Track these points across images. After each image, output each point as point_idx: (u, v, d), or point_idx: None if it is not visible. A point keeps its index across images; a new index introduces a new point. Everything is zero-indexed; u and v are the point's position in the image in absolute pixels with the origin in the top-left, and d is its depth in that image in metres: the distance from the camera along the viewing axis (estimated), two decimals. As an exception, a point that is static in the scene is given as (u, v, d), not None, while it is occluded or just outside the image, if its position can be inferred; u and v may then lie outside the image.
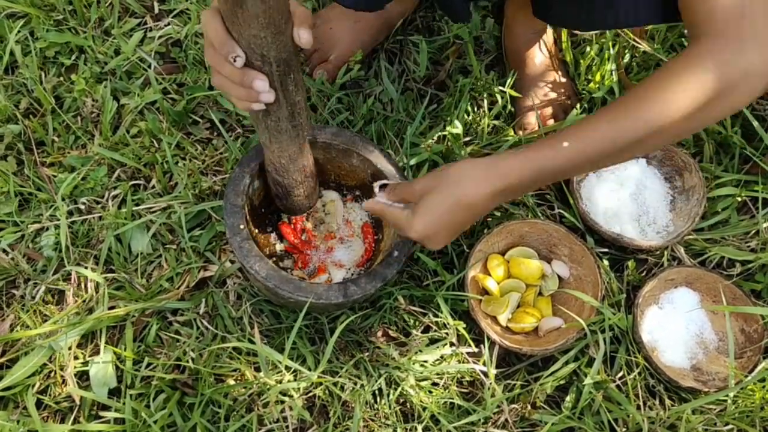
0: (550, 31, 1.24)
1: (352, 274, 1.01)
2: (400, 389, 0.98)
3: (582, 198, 1.12)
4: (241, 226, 0.89)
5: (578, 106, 1.20)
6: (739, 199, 1.14)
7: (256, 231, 1.00)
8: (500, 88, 1.20)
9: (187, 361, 0.98)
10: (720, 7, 0.72)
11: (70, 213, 1.09)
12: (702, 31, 0.75)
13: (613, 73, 1.21)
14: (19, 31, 1.22)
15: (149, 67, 1.21)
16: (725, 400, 0.99)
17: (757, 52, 0.72)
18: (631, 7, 0.86)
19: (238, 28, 0.65)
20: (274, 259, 1.01)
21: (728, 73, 0.72)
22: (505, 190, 0.80)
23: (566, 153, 0.78)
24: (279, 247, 1.02)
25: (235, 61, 0.67)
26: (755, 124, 1.15)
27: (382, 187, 0.90)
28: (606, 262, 1.09)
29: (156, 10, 1.30)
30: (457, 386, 1.01)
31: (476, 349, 1.02)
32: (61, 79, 1.21)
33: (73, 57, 1.23)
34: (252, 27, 0.64)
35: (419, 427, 0.96)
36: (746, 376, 0.99)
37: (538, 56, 1.21)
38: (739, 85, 0.73)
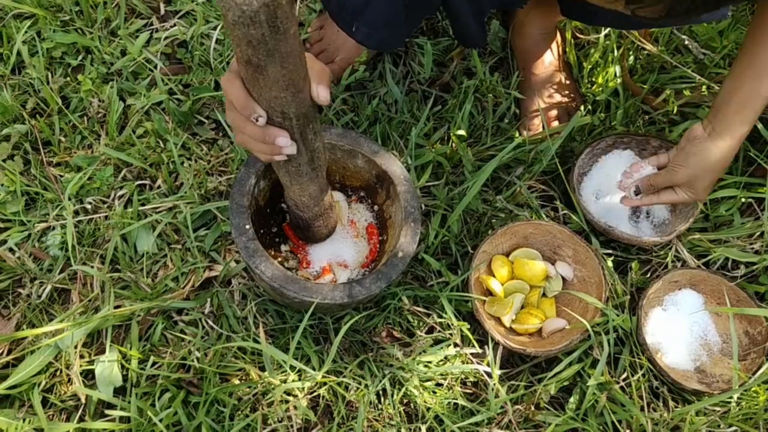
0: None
1: (357, 275, 1.01)
2: (404, 389, 0.98)
3: (582, 195, 1.13)
4: (247, 226, 0.90)
5: (582, 108, 1.20)
6: (744, 200, 1.14)
7: (262, 231, 1.00)
8: (505, 89, 1.20)
9: (192, 361, 0.98)
10: None
11: (76, 212, 1.09)
12: None
13: (617, 75, 1.21)
14: (26, 32, 1.22)
15: (155, 67, 1.22)
16: (729, 402, 0.99)
17: None
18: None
19: (258, 90, 0.67)
20: (280, 259, 1.02)
21: None
22: (737, 147, 0.98)
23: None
24: (284, 247, 1.02)
25: (257, 121, 0.70)
26: (759, 126, 1.15)
27: (636, 192, 1.07)
28: (610, 264, 1.09)
29: (162, 11, 1.30)
30: (461, 387, 1.01)
31: (480, 350, 1.02)
32: (68, 79, 1.21)
33: (80, 57, 1.24)
34: (272, 90, 0.66)
35: (423, 428, 0.97)
36: (750, 378, 0.99)
37: (547, 57, 1.22)
38: None
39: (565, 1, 1.10)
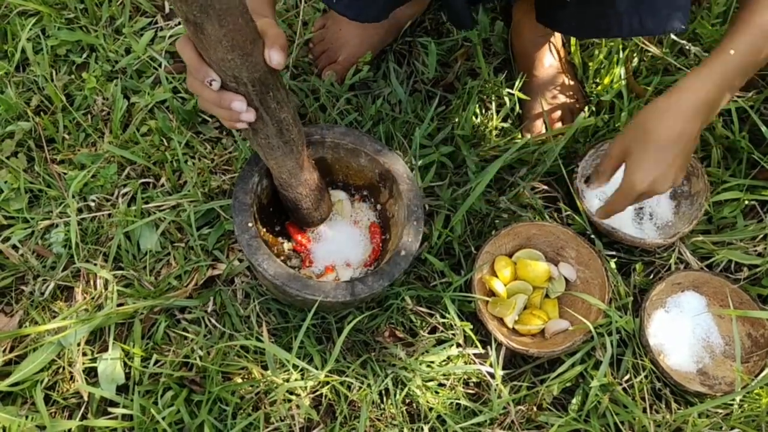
0: (558, 33, 1.24)
1: (360, 274, 1.01)
2: (406, 389, 0.98)
3: (585, 196, 1.13)
4: (250, 224, 0.90)
5: (586, 109, 1.20)
6: (747, 203, 1.14)
7: (264, 229, 1.00)
8: (508, 90, 1.20)
9: (195, 359, 0.98)
10: None
11: (79, 210, 1.09)
12: None
13: (622, 76, 1.21)
14: (30, 29, 1.22)
15: (159, 66, 1.22)
16: (731, 404, 0.99)
17: None
18: (643, 18, 0.89)
19: (206, 52, 0.67)
20: (282, 257, 1.02)
21: None
22: (697, 108, 0.87)
23: (736, 58, 0.85)
24: (287, 246, 1.02)
25: (211, 84, 0.69)
26: (763, 128, 1.15)
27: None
28: (613, 265, 1.09)
29: (167, 10, 1.30)
30: (463, 387, 1.01)
31: (483, 351, 1.02)
32: (72, 77, 1.22)
33: (84, 55, 1.24)
34: (218, 51, 0.65)
35: (425, 428, 0.97)
36: (753, 381, 0.99)
37: (547, 59, 1.22)
38: None
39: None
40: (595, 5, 0.93)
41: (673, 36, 1.26)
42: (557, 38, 1.24)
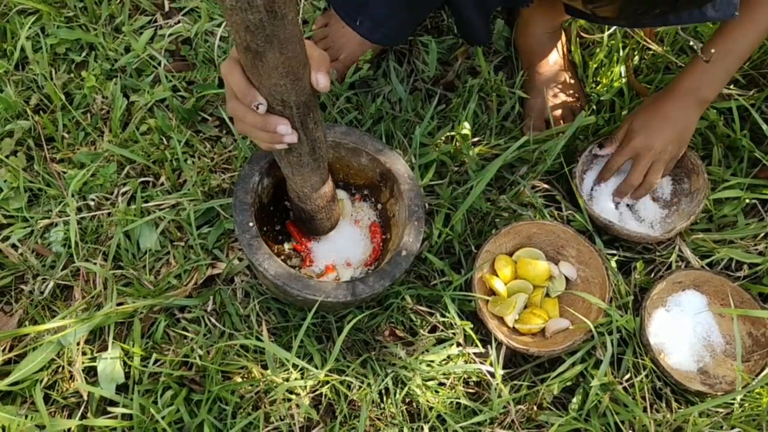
0: (562, 31, 1.24)
1: (360, 273, 1.01)
2: (406, 389, 0.98)
3: (584, 193, 1.13)
4: (250, 224, 0.90)
5: (587, 107, 1.20)
6: (747, 201, 1.14)
7: (265, 229, 1.00)
8: (509, 89, 1.20)
9: (195, 358, 0.98)
10: None
11: (79, 209, 1.09)
12: None
13: (622, 75, 1.21)
14: (30, 28, 1.22)
15: (159, 64, 1.22)
16: (732, 404, 0.99)
17: None
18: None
19: (258, 78, 0.67)
20: (283, 257, 1.01)
21: None
22: (696, 101, 1.06)
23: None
24: (287, 245, 1.02)
25: (257, 108, 0.70)
26: (764, 127, 1.15)
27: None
28: (614, 264, 1.09)
29: (166, 8, 1.30)
30: (463, 386, 1.01)
31: (483, 350, 1.02)
32: (72, 75, 1.21)
33: (84, 54, 1.23)
34: (272, 77, 0.66)
35: (425, 427, 0.97)
36: (753, 380, 0.99)
37: (552, 56, 1.22)
38: None
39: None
40: None
41: (680, 31, 1.25)
42: (562, 36, 1.24)
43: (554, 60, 1.22)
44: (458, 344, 1.02)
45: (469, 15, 1.05)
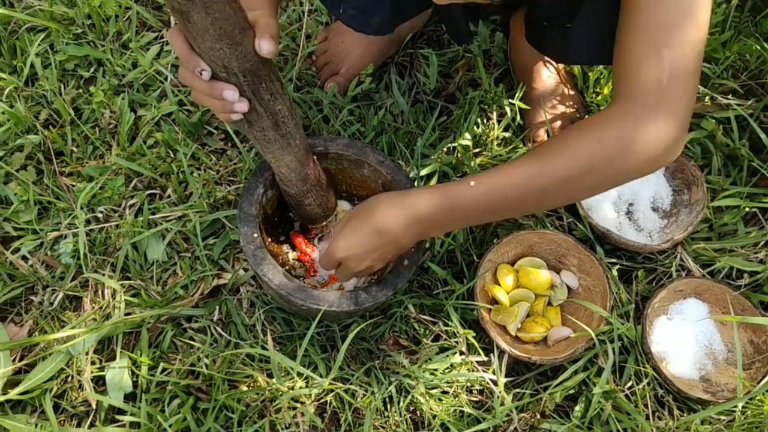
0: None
1: (364, 283, 1.02)
2: (410, 397, 0.99)
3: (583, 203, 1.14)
4: (255, 235, 0.91)
5: (586, 117, 1.21)
6: (748, 210, 1.15)
7: (270, 240, 1.02)
8: (509, 100, 1.21)
9: (201, 367, 0.99)
10: (645, 74, 0.76)
11: (88, 221, 1.11)
12: (623, 92, 0.79)
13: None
14: (39, 45, 1.25)
15: (165, 79, 1.24)
16: (734, 411, 0.99)
17: (667, 124, 0.76)
18: (588, 49, 0.91)
19: (195, 42, 0.66)
20: (287, 267, 1.03)
21: (633, 136, 0.76)
22: (419, 221, 0.85)
23: (473, 192, 0.82)
24: (291, 255, 1.04)
25: (201, 74, 0.69)
26: (763, 136, 1.16)
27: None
28: (615, 273, 1.10)
29: (172, 24, 1.32)
30: (466, 395, 1.02)
31: (486, 358, 1.03)
32: (80, 91, 1.24)
33: (92, 69, 1.26)
34: (205, 40, 0.65)
35: (429, 435, 0.97)
36: (755, 387, 0.99)
37: (545, 71, 1.23)
38: (643, 149, 0.77)
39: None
40: (580, 30, 0.93)
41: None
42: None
43: (547, 74, 1.23)
44: (461, 353, 1.03)
45: (456, 19, 1.05)
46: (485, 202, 0.83)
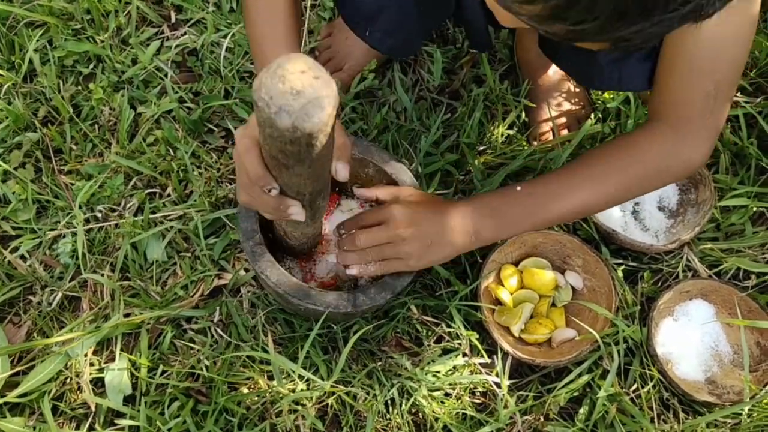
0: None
1: (365, 283, 1.01)
2: (412, 399, 0.98)
3: None
4: (255, 231, 0.90)
5: (592, 115, 1.20)
6: (755, 210, 1.13)
7: (270, 235, 1.01)
8: (514, 98, 1.20)
9: (201, 369, 0.98)
10: (688, 102, 0.84)
11: (86, 220, 1.10)
12: (659, 116, 0.87)
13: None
14: (37, 40, 1.23)
15: (166, 76, 1.23)
16: (740, 414, 0.98)
17: (703, 146, 0.86)
18: (621, 75, 0.91)
19: (280, 177, 0.66)
20: (287, 266, 1.02)
21: (672, 162, 0.87)
22: (476, 239, 0.91)
23: (526, 217, 0.91)
24: (290, 262, 1.02)
25: (270, 192, 0.68)
26: (771, 135, 1.14)
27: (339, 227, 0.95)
28: (620, 273, 1.08)
29: (173, 20, 1.31)
30: (469, 397, 1.01)
31: (489, 360, 1.02)
32: (79, 87, 1.22)
33: (91, 66, 1.24)
34: (293, 179, 0.65)
35: (431, 438, 0.97)
36: (761, 390, 0.98)
37: (552, 68, 1.21)
38: (679, 171, 0.89)
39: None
40: (584, 52, 0.92)
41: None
42: (562, 46, 1.24)
43: (554, 71, 1.22)
44: (464, 354, 1.02)
45: (477, 27, 1.04)
46: (534, 225, 0.93)
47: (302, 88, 0.51)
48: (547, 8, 0.53)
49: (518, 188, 0.90)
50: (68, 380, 0.98)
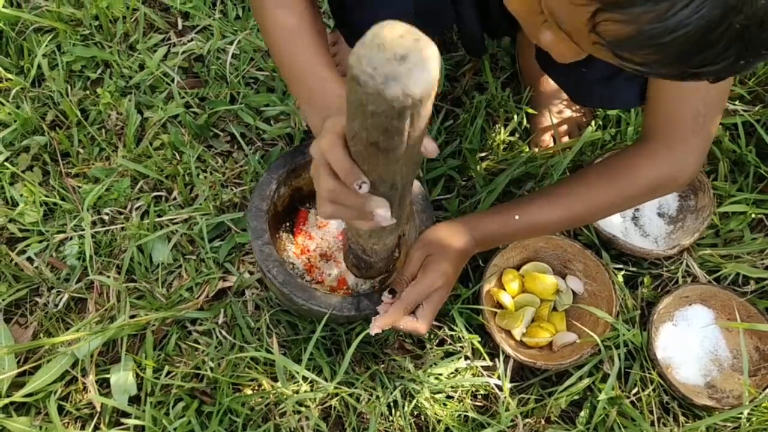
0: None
1: (370, 287, 1.02)
2: (415, 401, 0.99)
3: None
4: (264, 230, 0.91)
5: (593, 122, 1.21)
6: (754, 216, 1.15)
7: (278, 235, 1.02)
8: (516, 104, 1.21)
9: (206, 370, 0.99)
10: (680, 120, 0.85)
11: (93, 223, 1.11)
12: (652, 135, 0.89)
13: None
14: (46, 45, 1.25)
15: (172, 81, 1.24)
16: (739, 418, 0.99)
17: (695, 161, 0.88)
18: (613, 93, 0.93)
19: (372, 166, 0.59)
20: (293, 267, 1.03)
21: (664, 179, 0.89)
22: (479, 241, 0.92)
23: (518, 226, 0.92)
24: (296, 261, 1.04)
25: (360, 188, 0.60)
26: (770, 142, 1.16)
27: (392, 292, 0.87)
28: (620, 278, 1.09)
29: (180, 26, 1.33)
30: (471, 399, 1.01)
31: (491, 363, 1.03)
32: (87, 92, 1.24)
33: (99, 71, 1.26)
34: (389, 166, 0.59)
35: (434, 440, 0.97)
36: (760, 394, 0.99)
37: (552, 75, 1.23)
38: (672, 187, 0.91)
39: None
40: (576, 69, 0.93)
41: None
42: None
43: None
44: (466, 357, 1.03)
45: (474, 35, 1.06)
46: (526, 234, 0.97)
47: (406, 51, 0.49)
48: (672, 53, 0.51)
49: (516, 217, 0.91)
50: (74, 380, 0.99)
